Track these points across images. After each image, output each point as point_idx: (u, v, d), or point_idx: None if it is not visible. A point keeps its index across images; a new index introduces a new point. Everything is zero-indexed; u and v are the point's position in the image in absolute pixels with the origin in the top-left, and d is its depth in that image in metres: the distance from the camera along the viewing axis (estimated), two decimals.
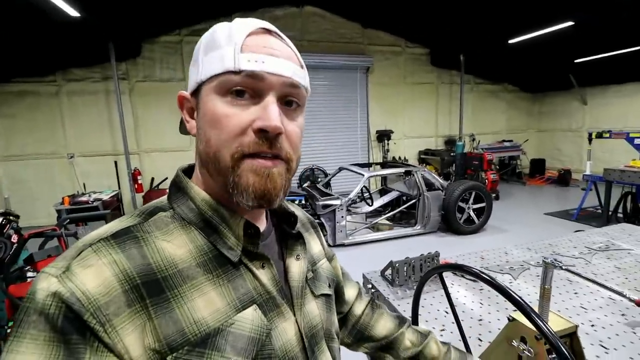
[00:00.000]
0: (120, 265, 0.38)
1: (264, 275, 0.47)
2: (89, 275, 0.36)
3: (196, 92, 0.46)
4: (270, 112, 0.42)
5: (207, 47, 0.44)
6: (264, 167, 0.42)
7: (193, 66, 0.46)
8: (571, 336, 0.77)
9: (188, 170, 0.52)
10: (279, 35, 0.45)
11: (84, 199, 4.71)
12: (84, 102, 6.17)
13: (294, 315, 0.49)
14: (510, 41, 6.46)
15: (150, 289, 0.38)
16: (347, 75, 7.47)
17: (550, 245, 2.01)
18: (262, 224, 0.53)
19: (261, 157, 0.42)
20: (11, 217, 2.31)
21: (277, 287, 0.48)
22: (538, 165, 9.00)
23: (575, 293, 1.43)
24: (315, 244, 0.65)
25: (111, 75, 5.90)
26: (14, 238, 2.13)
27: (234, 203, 0.45)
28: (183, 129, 0.54)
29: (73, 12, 4.39)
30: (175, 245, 0.43)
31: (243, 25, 0.43)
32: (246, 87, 0.42)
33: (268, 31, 0.44)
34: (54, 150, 6.12)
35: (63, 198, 4.71)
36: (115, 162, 6.38)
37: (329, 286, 0.61)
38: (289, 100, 0.45)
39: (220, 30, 0.44)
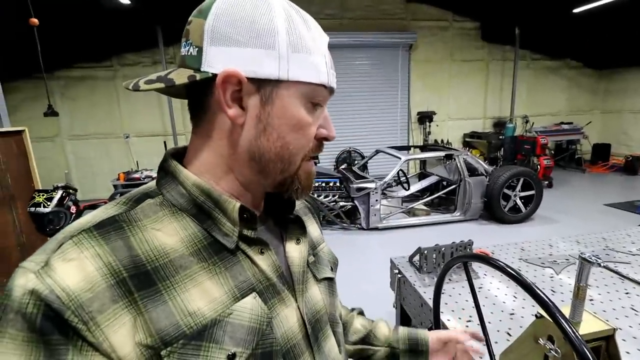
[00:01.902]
0: (105, 258, 0.36)
1: (263, 261, 0.45)
2: (70, 270, 0.34)
3: (259, 80, 0.41)
4: (331, 124, 0.48)
5: (293, 42, 0.41)
6: (313, 168, 0.50)
7: (260, 47, 0.40)
8: (607, 339, 0.69)
9: (178, 154, 0.49)
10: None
11: (136, 175, 5.11)
12: None
13: (296, 301, 0.48)
14: (575, 10, 5.74)
15: (139, 282, 0.36)
16: (388, 53, 7.15)
17: (604, 240, 1.83)
18: (259, 209, 0.52)
19: (310, 159, 0.48)
20: (70, 190, 2.58)
21: (278, 273, 0.46)
22: (601, 151, 8.08)
23: (627, 293, 1.29)
24: (314, 228, 0.63)
25: (160, 60, 6.21)
26: (73, 209, 2.38)
27: (240, 193, 0.47)
28: (166, 90, 0.44)
29: (124, 0, 4.63)
30: (166, 234, 0.41)
31: (319, 32, 0.45)
32: (324, 99, 0.46)
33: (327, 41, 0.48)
34: (111, 130, 6.66)
35: (119, 174, 5.15)
36: (165, 142, 6.80)
37: (331, 269, 0.60)
38: None
39: (301, 26, 0.42)
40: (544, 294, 0.58)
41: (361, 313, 0.80)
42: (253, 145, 0.43)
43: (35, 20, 2.88)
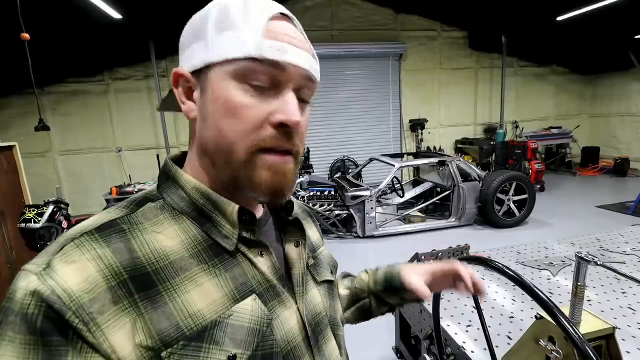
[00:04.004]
0: (106, 261, 0.36)
1: (263, 263, 0.45)
2: (72, 271, 0.34)
3: (199, 72, 0.42)
4: (291, 107, 0.41)
5: (220, 23, 0.40)
6: (279, 164, 0.42)
7: (197, 42, 0.41)
8: (607, 339, 0.69)
9: (179, 160, 0.50)
10: (296, 23, 0.44)
11: (129, 189, 5.05)
12: (130, 100, 6.57)
13: (296, 303, 0.48)
14: (559, 18, 5.92)
15: (140, 284, 0.36)
16: (379, 63, 7.26)
17: (598, 240, 1.85)
18: (259, 211, 0.51)
19: (275, 152, 0.41)
20: (62, 205, 2.54)
21: (278, 276, 0.46)
22: (591, 154, 8.23)
23: (623, 292, 1.30)
24: (313, 232, 0.63)
25: (152, 74, 6.21)
26: (64, 224, 2.34)
27: (232, 194, 0.45)
28: (166, 106, 0.53)
29: (116, 15, 4.66)
30: (166, 237, 0.41)
31: (262, 7, 0.41)
32: (266, 76, 0.40)
33: (286, 17, 0.42)
34: (104, 144, 6.60)
35: (111, 189, 5.09)
36: (158, 156, 6.76)
37: (331, 272, 0.60)
38: (301, 92, 0.44)
39: (235, 7, 0.40)
40: (544, 294, 0.58)
41: (347, 276, 0.79)
42: (201, 137, 0.44)
43: (26, 36, 2.88)
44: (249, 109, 0.40)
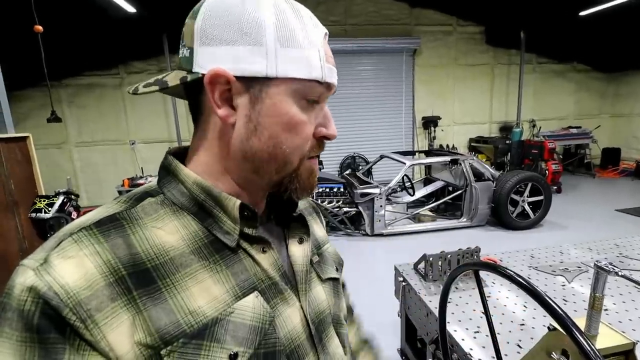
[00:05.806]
0: (104, 256, 0.35)
1: (265, 259, 0.45)
2: (69, 267, 0.34)
3: (250, 79, 0.40)
4: (332, 123, 0.46)
5: (283, 37, 0.39)
6: (314, 167, 0.47)
7: (249, 45, 0.38)
8: (627, 354, 0.64)
9: (179, 154, 0.48)
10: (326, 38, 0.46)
11: (141, 182, 5.13)
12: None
13: (299, 301, 0.47)
14: (582, 13, 5.69)
15: (138, 280, 0.36)
16: (392, 58, 7.13)
17: (617, 246, 1.76)
18: (261, 207, 0.51)
19: (312, 157, 0.46)
20: (72, 196, 2.58)
21: (280, 272, 0.46)
22: (611, 155, 7.92)
23: None
24: (318, 228, 0.62)
25: (166, 67, 6.27)
26: (74, 215, 2.37)
27: (241, 191, 0.46)
28: (171, 90, 0.44)
29: (130, 8, 4.71)
30: (166, 232, 0.40)
31: (312, 22, 0.42)
32: (319, 93, 0.43)
33: (326, 34, 0.45)
34: (118, 137, 6.71)
35: (124, 180, 5.18)
36: (170, 148, 6.83)
37: (337, 270, 0.59)
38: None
39: (293, 19, 0.40)
40: (557, 305, 0.54)
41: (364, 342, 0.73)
42: (245, 145, 0.42)
43: (39, 28, 2.92)
44: (306, 125, 0.43)
